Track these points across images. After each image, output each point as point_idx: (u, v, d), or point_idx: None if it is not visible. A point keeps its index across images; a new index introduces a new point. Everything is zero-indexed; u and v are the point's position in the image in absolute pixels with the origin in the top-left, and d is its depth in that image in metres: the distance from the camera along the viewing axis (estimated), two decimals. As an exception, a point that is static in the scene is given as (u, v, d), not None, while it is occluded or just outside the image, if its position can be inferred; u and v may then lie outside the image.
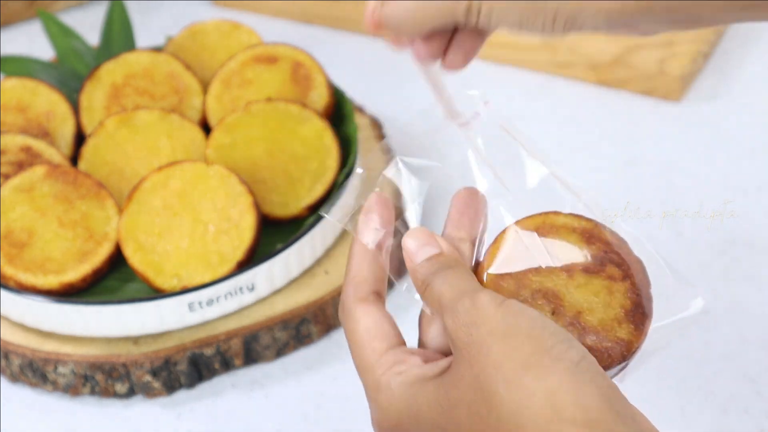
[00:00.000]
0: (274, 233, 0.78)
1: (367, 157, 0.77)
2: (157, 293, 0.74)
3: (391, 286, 0.79)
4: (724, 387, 0.72)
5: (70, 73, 0.91)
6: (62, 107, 0.85)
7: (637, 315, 0.50)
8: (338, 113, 0.86)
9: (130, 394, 0.75)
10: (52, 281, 0.74)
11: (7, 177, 0.79)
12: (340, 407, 0.73)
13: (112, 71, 0.86)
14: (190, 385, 0.75)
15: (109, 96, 0.85)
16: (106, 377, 0.74)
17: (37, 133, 0.83)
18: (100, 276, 0.76)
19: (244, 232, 0.75)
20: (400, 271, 0.54)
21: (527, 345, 0.44)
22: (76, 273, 0.75)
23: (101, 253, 0.76)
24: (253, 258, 0.76)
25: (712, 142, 0.90)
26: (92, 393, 0.75)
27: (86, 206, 0.77)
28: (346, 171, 0.80)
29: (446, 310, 0.47)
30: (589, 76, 0.96)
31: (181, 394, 0.75)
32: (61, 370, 0.74)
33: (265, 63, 0.85)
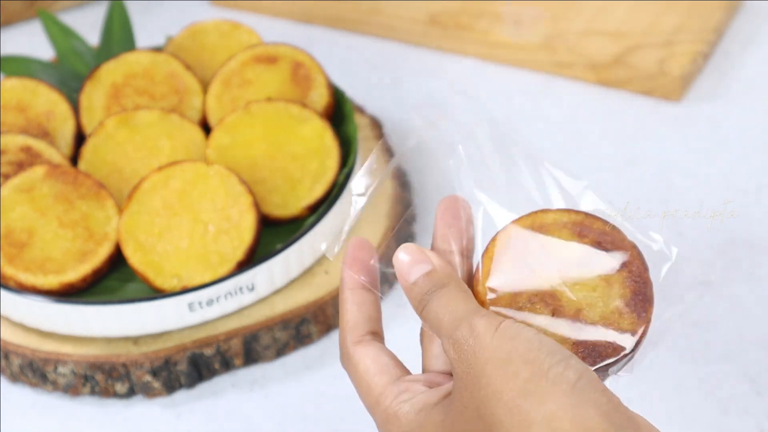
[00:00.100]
0: (274, 233, 0.78)
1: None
2: (157, 293, 0.74)
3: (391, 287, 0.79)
4: (724, 387, 0.72)
5: (70, 73, 0.90)
6: (62, 107, 0.85)
7: (638, 302, 0.50)
8: (338, 113, 0.86)
9: (130, 394, 0.75)
10: (52, 281, 0.74)
11: (7, 177, 0.79)
12: (340, 407, 0.73)
13: (112, 71, 0.86)
14: (190, 385, 0.75)
15: (109, 96, 0.85)
16: (106, 377, 0.74)
17: (37, 133, 0.83)
18: (100, 276, 0.76)
19: (244, 232, 0.75)
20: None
21: (525, 370, 0.45)
22: (76, 273, 0.75)
23: (101, 253, 0.76)
24: (253, 258, 0.76)
25: (712, 142, 0.90)
26: (92, 393, 0.75)
27: (86, 206, 0.77)
28: (346, 171, 0.80)
29: (444, 338, 0.48)
30: (589, 76, 0.96)
31: (181, 394, 0.75)
32: (61, 370, 0.74)
33: (265, 63, 0.85)
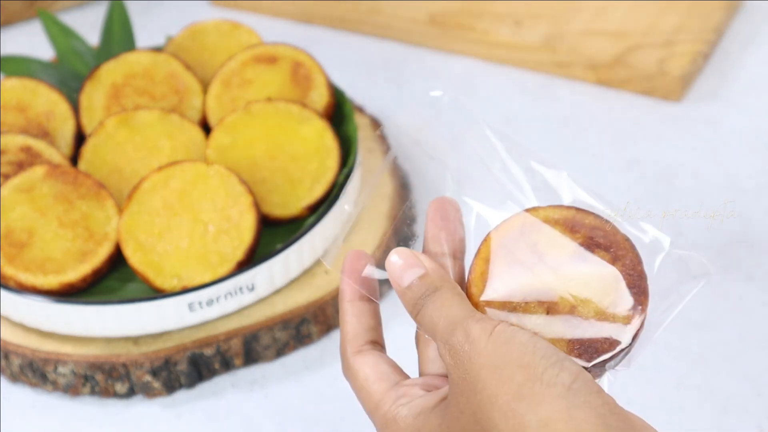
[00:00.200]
0: (274, 233, 0.78)
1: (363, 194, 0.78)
2: (157, 293, 0.74)
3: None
4: (724, 387, 0.72)
5: (70, 73, 0.90)
6: (62, 107, 0.85)
7: (633, 296, 0.50)
8: (338, 113, 0.86)
9: (130, 394, 0.75)
10: (52, 281, 0.74)
11: (7, 177, 0.79)
12: (340, 407, 0.73)
13: (112, 71, 0.86)
14: (190, 385, 0.75)
15: (109, 96, 0.85)
16: (106, 377, 0.74)
17: (37, 133, 0.83)
18: (100, 276, 0.76)
19: (244, 232, 0.75)
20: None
21: (519, 374, 0.45)
22: (76, 273, 0.75)
23: (101, 253, 0.76)
24: (253, 258, 0.76)
25: (712, 143, 0.90)
26: (92, 393, 0.75)
27: (86, 206, 0.77)
28: (346, 171, 0.80)
29: (440, 343, 0.49)
30: (589, 76, 0.96)
31: (181, 394, 0.75)
32: (61, 370, 0.74)
33: (265, 63, 0.85)
